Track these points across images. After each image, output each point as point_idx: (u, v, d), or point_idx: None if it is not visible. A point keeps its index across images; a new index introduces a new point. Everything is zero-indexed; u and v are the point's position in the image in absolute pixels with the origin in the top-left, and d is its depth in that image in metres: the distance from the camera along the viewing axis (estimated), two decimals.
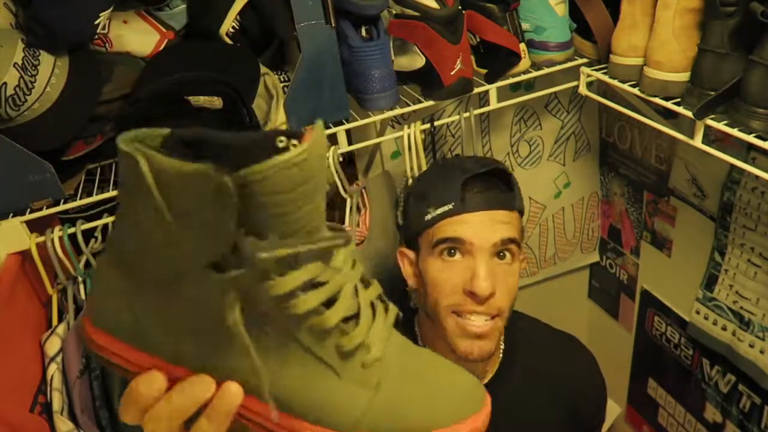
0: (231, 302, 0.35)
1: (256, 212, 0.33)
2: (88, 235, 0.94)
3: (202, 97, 0.89)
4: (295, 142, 0.36)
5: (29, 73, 0.82)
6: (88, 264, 0.94)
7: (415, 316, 0.95)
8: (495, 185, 0.85)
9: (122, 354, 0.40)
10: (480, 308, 0.80)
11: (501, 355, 0.92)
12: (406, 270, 0.91)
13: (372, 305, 0.41)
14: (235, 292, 0.35)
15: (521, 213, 0.89)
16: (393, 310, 0.42)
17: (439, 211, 0.83)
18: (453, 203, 0.82)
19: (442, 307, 0.82)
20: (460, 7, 0.96)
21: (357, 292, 0.40)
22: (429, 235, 0.84)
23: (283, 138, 0.36)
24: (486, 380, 0.90)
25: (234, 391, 0.37)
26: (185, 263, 0.36)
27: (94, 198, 0.91)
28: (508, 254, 0.83)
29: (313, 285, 0.37)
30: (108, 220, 0.94)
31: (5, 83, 0.80)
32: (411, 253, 0.90)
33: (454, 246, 0.82)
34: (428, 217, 0.84)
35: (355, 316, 0.39)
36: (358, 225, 1.08)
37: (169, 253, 0.36)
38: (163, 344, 0.38)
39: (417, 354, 0.43)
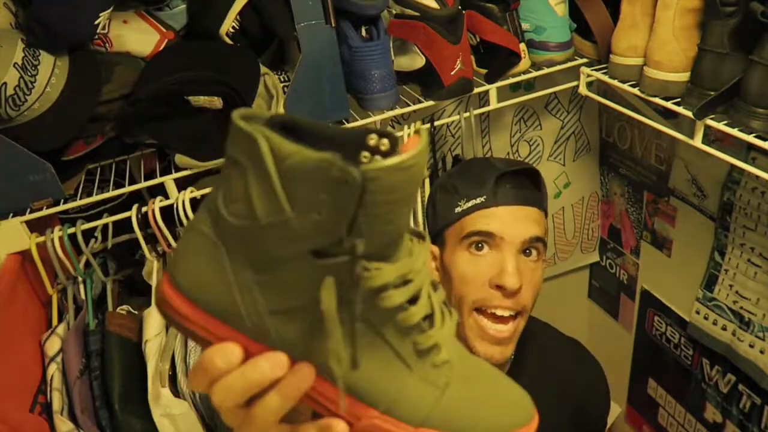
0: (328, 287, 0.35)
1: (369, 207, 0.33)
2: (88, 235, 0.94)
3: (202, 97, 0.89)
4: (385, 141, 0.36)
5: (29, 73, 0.82)
6: (88, 264, 0.94)
7: None
8: (525, 184, 0.86)
9: (200, 322, 0.40)
10: (507, 302, 0.81)
11: (511, 357, 0.93)
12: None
13: (441, 308, 0.42)
14: (336, 276, 0.36)
15: (546, 214, 0.90)
16: (454, 314, 0.43)
17: (470, 203, 0.84)
18: (485, 196, 0.83)
19: (467, 303, 0.83)
20: (460, 7, 0.96)
21: (430, 293, 0.41)
22: (458, 228, 0.85)
23: (374, 135, 0.36)
24: None
25: (307, 371, 0.38)
26: (291, 247, 0.36)
27: (94, 198, 0.91)
28: (534, 252, 0.84)
29: (403, 282, 0.38)
30: (108, 220, 0.94)
31: (5, 83, 0.80)
32: (434, 249, 0.90)
33: (483, 240, 0.83)
34: (458, 209, 0.85)
35: (430, 316, 0.41)
36: None
37: (277, 234, 0.36)
38: (247, 320, 0.39)
39: (472, 361, 0.44)
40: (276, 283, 0.38)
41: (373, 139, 0.36)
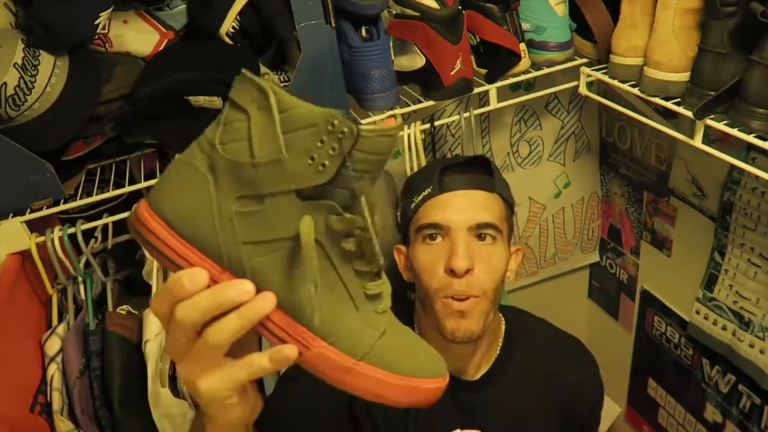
0: (308, 223, 0.41)
1: (351, 160, 0.40)
2: (88, 235, 0.94)
3: (202, 97, 0.89)
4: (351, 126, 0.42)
5: (29, 73, 0.82)
6: (88, 264, 0.94)
7: (413, 308, 0.96)
8: (473, 169, 0.88)
9: (174, 245, 0.44)
10: (461, 286, 0.81)
11: (498, 351, 0.93)
12: (402, 265, 0.94)
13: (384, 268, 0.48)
14: (315, 213, 0.41)
15: (508, 203, 0.90)
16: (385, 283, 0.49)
17: (420, 197, 0.87)
18: (431, 187, 0.86)
19: (433, 291, 0.84)
20: (460, 7, 0.96)
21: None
22: (414, 223, 0.88)
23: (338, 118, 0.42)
24: (479, 374, 0.91)
25: (269, 299, 0.42)
26: (280, 186, 0.41)
27: (94, 198, 0.91)
28: (488, 237, 0.84)
29: (362, 230, 0.43)
30: (108, 220, 0.94)
31: (5, 83, 0.80)
32: (404, 248, 0.93)
33: (434, 231, 0.85)
34: (413, 205, 0.88)
35: (379, 273, 0.47)
36: None
37: (269, 173, 0.41)
38: (222, 248, 0.43)
39: (401, 325, 0.51)
40: (258, 216, 0.42)
41: (338, 119, 0.41)
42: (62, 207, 0.89)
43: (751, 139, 0.81)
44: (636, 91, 0.98)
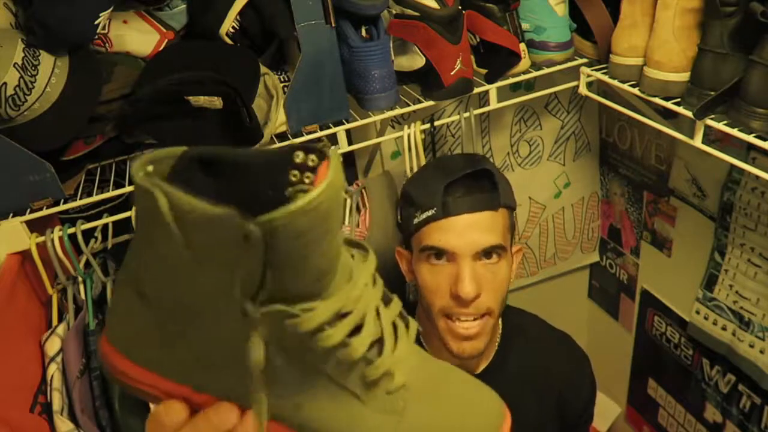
0: (256, 341, 0.34)
1: (279, 255, 0.32)
2: (88, 235, 0.94)
3: (202, 97, 0.89)
4: (313, 157, 0.35)
5: (29, 73, 0.82)
6: (88, 264, 0.94)
7: (415, 309, 0.96)
8: (478, 187, 0.84)
9: (142, 379, 0.39)
10: (467, 310, 0.82)
11: (496, 347, 0.94)
12: (404, 267, 0.94)
13: (394, 325, 0.40)
14: (261, 329, 0.34)
15: (510, 208, 0.89)
16: (413, 325, 0.41)
17: (423, 216, 0.84)
18: (435, 208, 0.83)
19: (435, 309, 0.85)
20: (460, 7, 0.96)
21: (379, 314, 0.39)
22: (417, 239, 0.87)
23: (300, 152, 0.35)
24: (479, 371, 0.92)
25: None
26: (207, 299, 0.35)
27: (94, 198, 0.91)
28: (494, 255, 0.84)
29: (339, 316, 0.36)
30: (108, 220, 0.94)
31: (5, 83, 0.80)
32: (406, 253, 0.92)
33: (438, 253, 0.84)
34: (415, 220, 0.86)
35: (379, 341, 0.39)
36: (357, 225, 1.08)
37: (191, 288, 0.35)
38: (185, 373, 0.38)
39: (437, 369, 0.42)
40: (203, 335, 0.36)
41: (299, 157, 0.35)
42: (62, 207, 0.89)
43: (751, 139, 0.81)
44: (636, 91, 0.98)
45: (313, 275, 0.34)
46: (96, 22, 0.83)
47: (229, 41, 0.95)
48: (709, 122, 0.87)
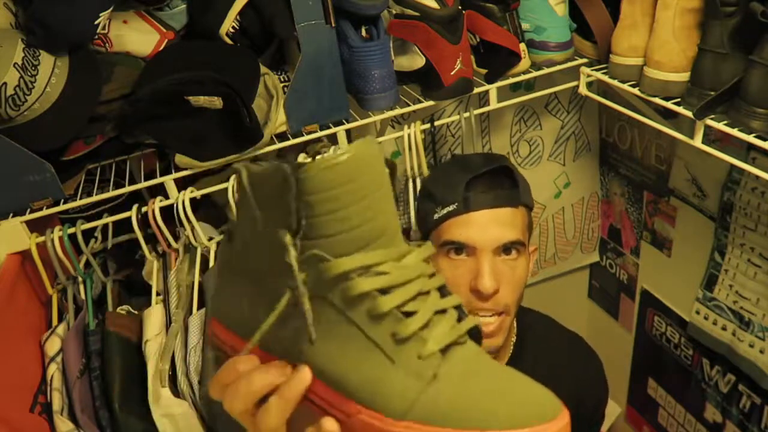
0: (295, 277, 0.39)
1: (308, 200, 0.38)
2: (88, 235, 0.94)
3: (202, 97, 0.89)
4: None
5: (29, 73, 0.82)
6: (88, 264, 0.94)
7: None
8: (498, 183, 0.85)
9: (228, 340, 0.46)
10: (486, 305, 0.82)
11: (512, 347, 0.94)
12: None
13: (441, 312, 0.41)
14: (302, 272, 0.40)
15: (529, 207, 0.90)
16: (470, 321, 0.42)
17: (444, 211, 0.85)
18: (456, 203, 0.84)
19: None
20: (460, 7, 0.96)
21: (423, 295, 0.41)
22: (437, 235, 0.87)
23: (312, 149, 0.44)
24: None
25: (304, 375, 0.41)
26: (269, 255, 0.41)
27: (94, 198, 0.91)
28: (513, 251, 0.84)
29: (374, 273, 0.39)
30: (108, 220, 0.94)
31: (5, 83, 0.80)
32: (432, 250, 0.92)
33: (458, 248, 0.84)
34: (436, 216, 0.86)
35: (414, 313, 0.40)
36: None
37: (258, 246, 0.42)
38: (256, 331, 0.43)
39: (488, 360, 0.42)
40: (264, 292, 0.42)
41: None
42: (62, 207, 0.89)
43: (751, 139, 0.81)
44: (636, 91, 0.98)
45: (341, 227, 0.39)
46: (96, 22, 0.83)
47: (229, 41, 0.95)
48: (709, 122, 0.87)
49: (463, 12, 0.97)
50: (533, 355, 0.95)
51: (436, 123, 1.09)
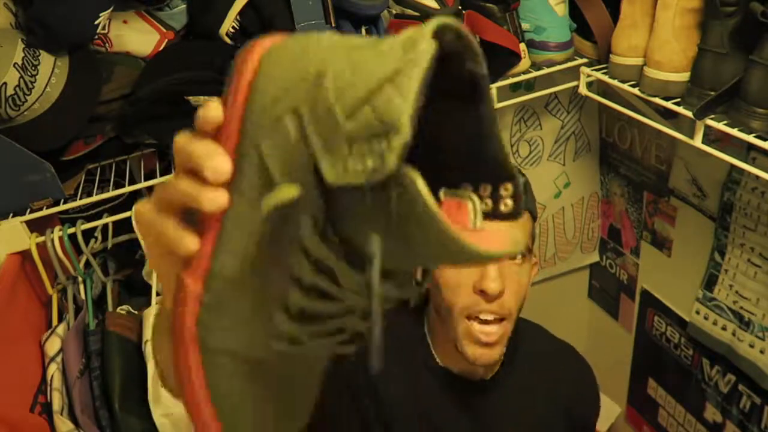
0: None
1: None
2: (88, 235, 0.94)
3: (202, 97, 0.89)
4: None
5: (29, 73, 0.82)
6: (88, 264, 0.94)
7: (424, 308, 0.96)
8: None
9: None
10: (491, 307, 0.81)
11: (501, 359, 0.93)
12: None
13: None
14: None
15: (533, 215, 0.90)
16: None
17: None
18: None
19: (457, 310, 0.83)
20: (460, 7, 0.96)
21: None
22: None
23: None
24: (488, 378, 0.92)
25: (221, 196, 0.34)
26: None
27: (94, 198, 0.91)
28: (519, 256, 0.84)
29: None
30: (108, 220, 0.94)
31: (5, 83, 0.80)
32: None
33: None
34: None
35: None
36: None
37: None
38: None
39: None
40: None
41: None
42: (62, 207, 0.89)
43: (751, 139, 0.81)
44: (636, 91, 0.98)
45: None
46: (96, 22, 0.83)
47: (229, 41, 0.95)
48: (709, 122, 0.87)
49: (463, 12, 0.97)
50: (525, 363, 0.94)
51: None
